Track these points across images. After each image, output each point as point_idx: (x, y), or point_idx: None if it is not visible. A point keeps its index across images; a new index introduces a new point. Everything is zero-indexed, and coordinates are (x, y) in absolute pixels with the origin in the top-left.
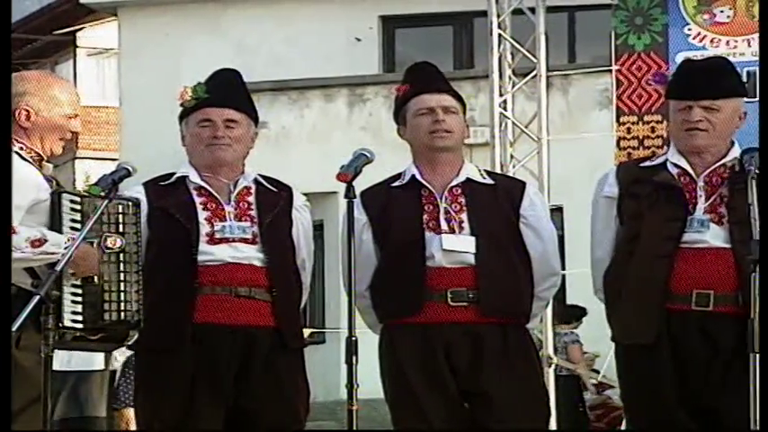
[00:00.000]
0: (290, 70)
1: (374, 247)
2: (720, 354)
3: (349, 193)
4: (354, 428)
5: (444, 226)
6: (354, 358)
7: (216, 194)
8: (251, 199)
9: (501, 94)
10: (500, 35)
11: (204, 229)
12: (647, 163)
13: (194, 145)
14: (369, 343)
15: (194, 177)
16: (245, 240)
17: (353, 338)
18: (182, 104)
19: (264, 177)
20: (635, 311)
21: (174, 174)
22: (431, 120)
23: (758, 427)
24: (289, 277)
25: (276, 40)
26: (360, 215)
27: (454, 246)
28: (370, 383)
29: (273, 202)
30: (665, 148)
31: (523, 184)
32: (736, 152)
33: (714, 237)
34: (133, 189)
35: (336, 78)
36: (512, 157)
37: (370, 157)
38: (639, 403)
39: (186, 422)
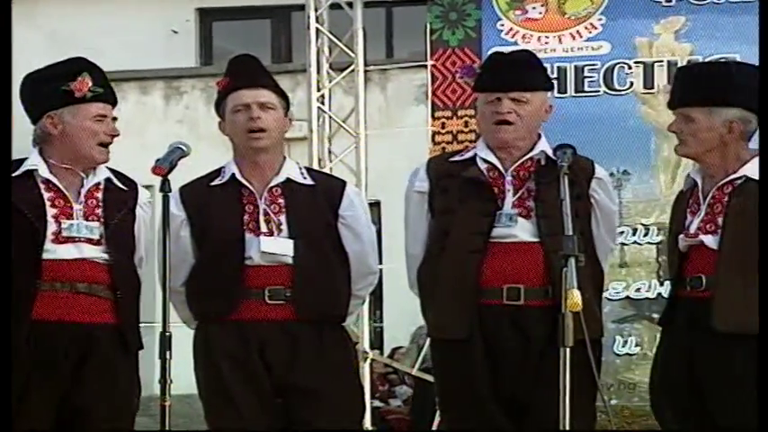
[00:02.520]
0: (106, 62)
1: (192, 244)
2: (532, 348)
3: (164, 187)
4: (167, 425)
5: (263, 228)
6: (168, 353)
7: (64, 191)
8: (99, 195)
9: (319, 89)
10: (318, 29)
11: (51, 227)
12: (457, 157)
13: (85, 139)
14: (183, 338)
15: (43, 171)
16: (89, 240)
17: (167, 333)
18: (77, 95)
19: (115, 173)
20: (448, 307)
21: (21, 161)
22: (246, 117)
23: (567, 427)
24: (132, 277)
25: (91, 31)
26: (178, 212)
27: (272, 249)
28: (185, 379)
29: (122, 200)
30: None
31: (343, 184)
32: (542, 145)
33: (522, 231)
34: None
35: (153, 71)
36: (330, 151)
37: (186, 151)
38: (453, 399)
39: (15, 422)
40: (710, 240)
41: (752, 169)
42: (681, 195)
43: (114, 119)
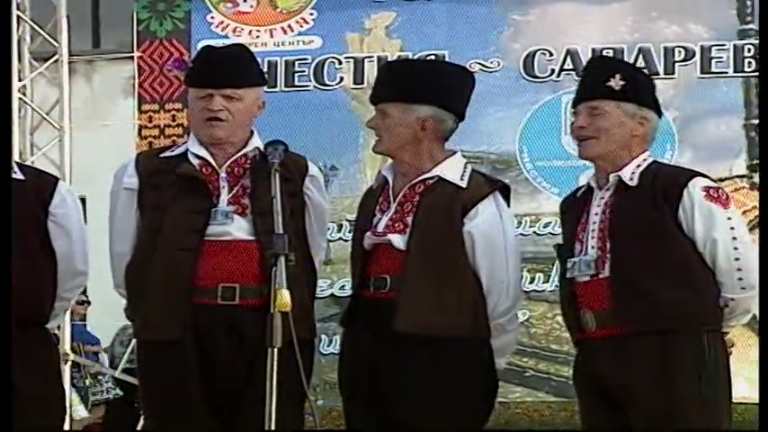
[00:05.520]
0: None
1: None
2: (246, 348)
3: None
4: None
5: None
6: None
7: None
8: None
9: (20, 79)
10: (19, 17)
11: None
12: (168, 153)
13: None
14: None
15: None
16: None
17: None
18: None
19: None
20: (159, 306)
21: None
22: None
23: (273, 427)
24: None
25: None
26: None
27: None
28: None
29: None
30: (186, 137)
31: (56, 180)
32: (256, 142)
33: (238, 229)
34: None
35: None
36: (32, 145)
37: None
38: (160, 402)
39: None
40: (398, 240)
41: (444, 169)
42: (370, 192)
43: None
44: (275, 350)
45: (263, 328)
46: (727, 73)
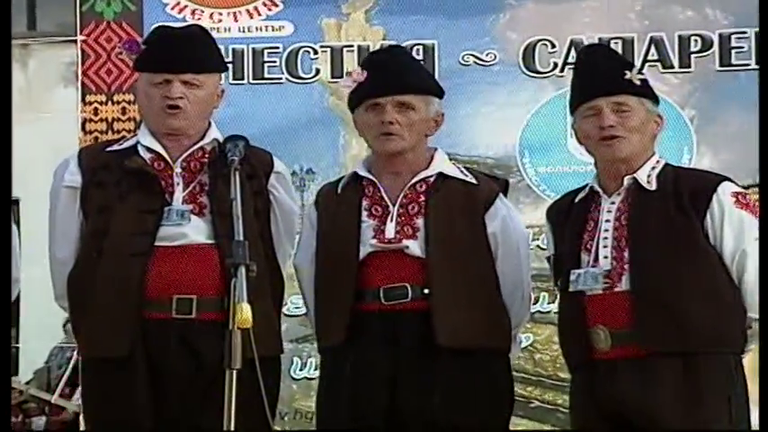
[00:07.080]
0: None
1: None
2: (204, 368)
3: None
4: None
5: None
6: None
7: None
8: None
9: None
10: None
11: None
12: (116, 147)
13: None
14: None
15: None
16: None
17: None
18: None
19: None
20: (105, 320)
21: None
22: None
23: None
24: None
25: None
26: None
27: None
28: None
29: None
30: (139, 132)
31: None
32: (214, 133)
33: (195, 231)
34: None
35: None
36: None
37: None
38: (105, 427)
39: None
40: (414, 246)
41: (442, 166)
42: (332, 194)
43: None
44: (234, 372)
45: (223, 347)
46: (749, 65)
